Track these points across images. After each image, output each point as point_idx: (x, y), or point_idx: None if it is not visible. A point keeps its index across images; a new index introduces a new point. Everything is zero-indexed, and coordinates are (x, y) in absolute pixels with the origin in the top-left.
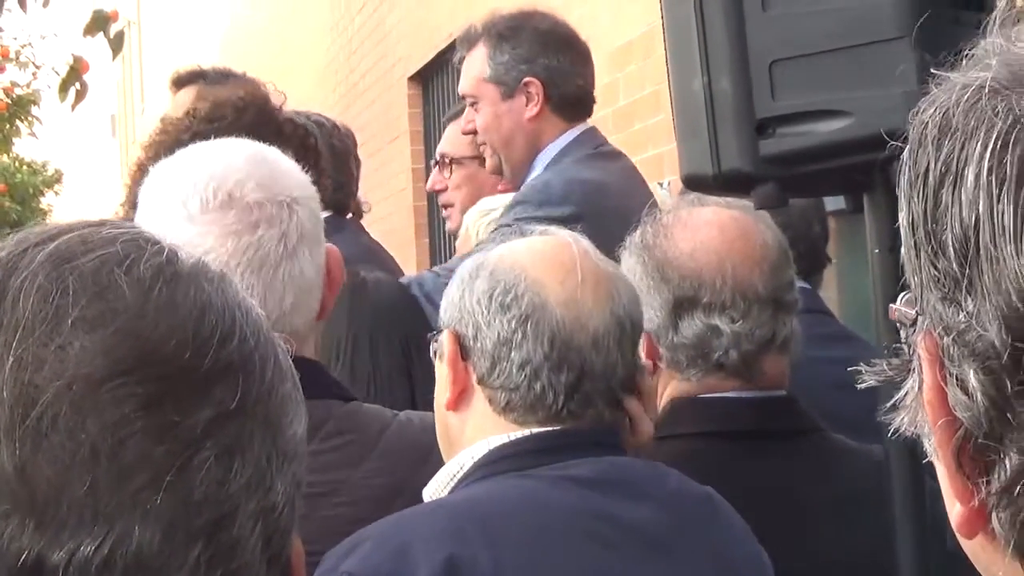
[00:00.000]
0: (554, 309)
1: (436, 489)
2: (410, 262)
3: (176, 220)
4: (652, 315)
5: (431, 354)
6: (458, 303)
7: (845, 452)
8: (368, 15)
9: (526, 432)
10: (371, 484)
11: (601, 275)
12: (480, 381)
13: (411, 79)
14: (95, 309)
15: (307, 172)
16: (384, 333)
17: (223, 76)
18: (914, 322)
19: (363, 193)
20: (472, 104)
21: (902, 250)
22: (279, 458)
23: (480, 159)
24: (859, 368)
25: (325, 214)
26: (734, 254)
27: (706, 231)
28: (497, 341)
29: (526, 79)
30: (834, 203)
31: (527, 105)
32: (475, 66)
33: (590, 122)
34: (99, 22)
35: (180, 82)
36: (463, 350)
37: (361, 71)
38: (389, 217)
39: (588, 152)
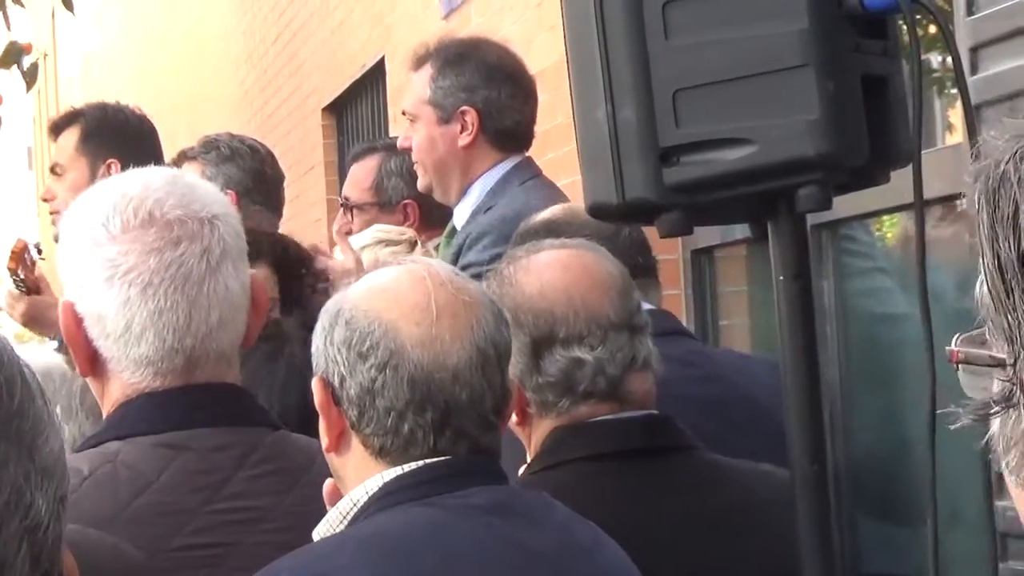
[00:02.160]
0: (411, 352)
1: (329, 528)
2: None
3: (98, 241)
4: (512, 361)
5: None
6: (323, 351)
7: (726, 467)
8: (282, 46)
9: (414, 465)
10: (300, 512)
11: (458, 306)
12: (353, 427)
13: (325, 110)
14: None
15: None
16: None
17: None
18: (1002, 363)
19: (280, 224)
20: (411, 122)
21: (978, 291)
22: (38, 475)
23: (379, 205)
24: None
25: None
26: (581, 287)
27: (550, 271)
28: (361, 390)
29: (463, 108)
30: (740, 231)
31: (461, 133)
32: (418, 86)
33: None
34: (13, 54)
35: (56, 128)
36: (334, 396)
37: (276, 102)
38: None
39: (527, 181)
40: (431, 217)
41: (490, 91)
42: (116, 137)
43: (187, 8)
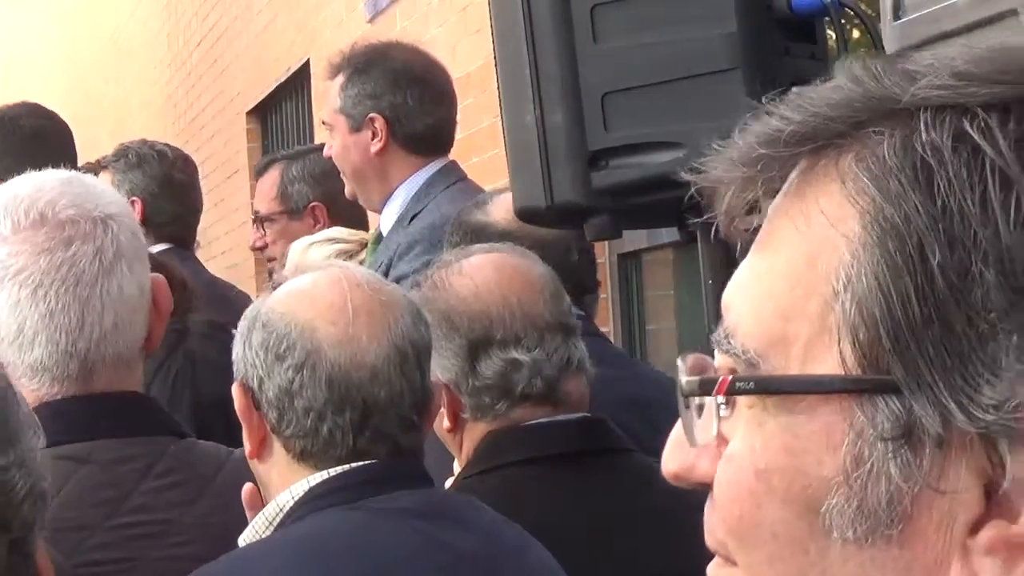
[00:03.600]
0: (328, 352)
1: (255, 534)
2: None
3: None
4: (447, 365)
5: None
6: (242, 356)
7: (656, 471)
8: (206, 49)
9: (340, 469)
10: (209, 523)
11: (375, 306)
12: (274, 430)
13: (249, 113)
14: None
15: None
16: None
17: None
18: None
19: (204, 228)
20: (329, 131)
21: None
22: (17, 468)
23: (287, 213)
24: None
25: (163, 246)
26: (515, 288)
27: (483, 273)
28: (279, 392)
29: (371, 115)
30: (668, 234)
31: (372, 140)
32: (331, 95)
33: None
34: None
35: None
36: (254, 401)
37: (200, 105)
38: (230, 253)
39: (451, 185)
40: (342, 217)
41: (396, 96)
42: (4, 143)
43: (110, 12)
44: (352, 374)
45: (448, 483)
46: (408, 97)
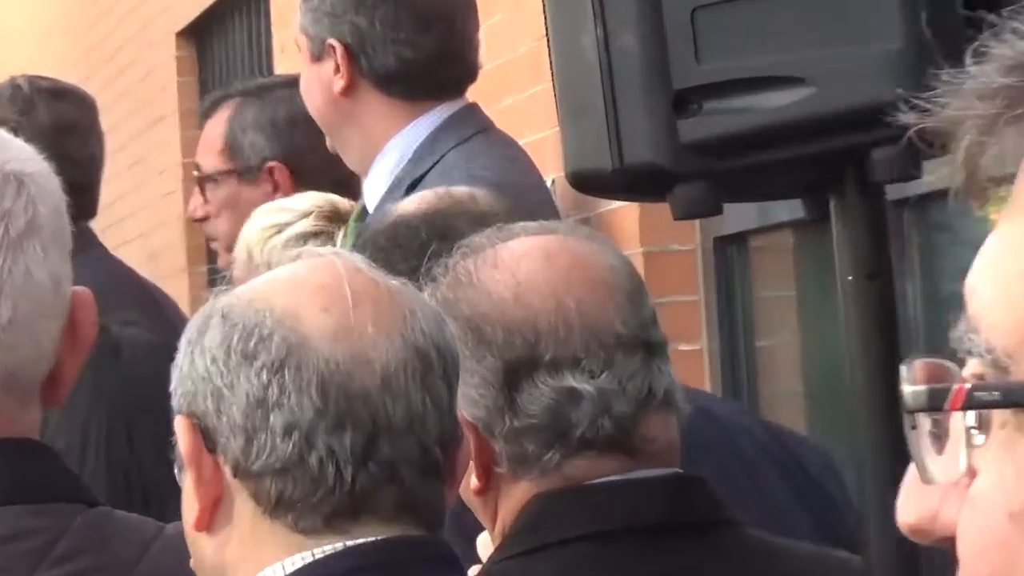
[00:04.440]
0: (319, 345)
1: None
2: (181, 297)
3: None
4: (474, 397)
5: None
6: (188, 373)
7: (781, 552)
8: None
9: (330, 548)
10: None
11: (383, 293)
12: (237, 472)
13: (181, 35)
14: None
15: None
16: (146, 414)
17: None
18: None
19: (111, 201)
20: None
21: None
22: None
23: (237, 173)
24: None
25: None
26: (574, 286)
27: (528, 264)
28: (247, 404)
29: (329, 40)
30: (788, 210)
31: (335, 75)
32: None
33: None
34: None
35: None
36: (206, 439)
37: (108, 25)
38: (151, 235)
39: (468, 139)
40: (311, 183)
41: (358, 17)
42: None
43: None
44: (355, 376)
45: (473, 572)
46: (375, 19)
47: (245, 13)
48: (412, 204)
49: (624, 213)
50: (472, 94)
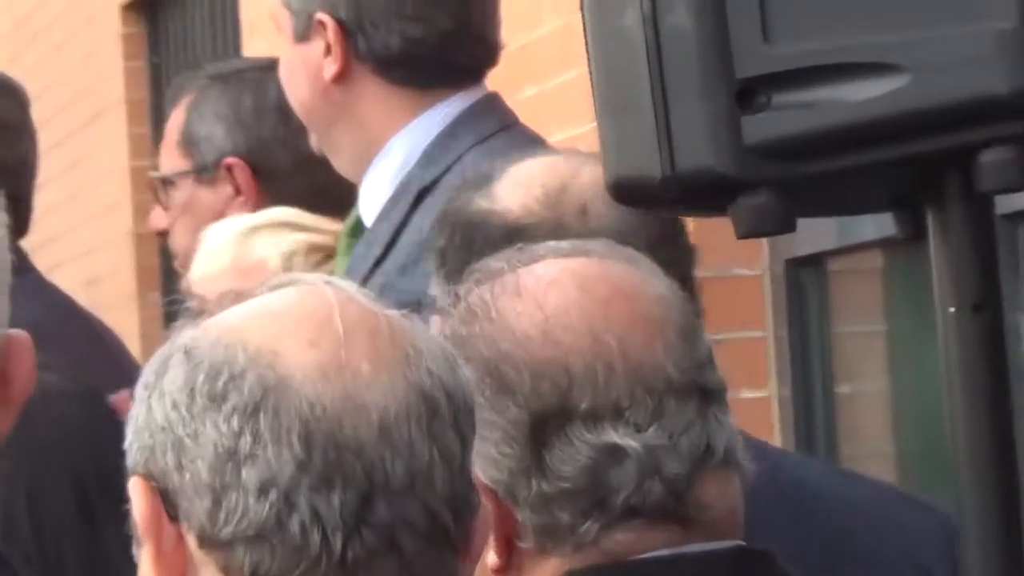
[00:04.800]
0: (302, 386)
1: None
2: (130, 331)
3: None
4: (493, 455)
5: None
6: (144, 424)
7: None
8: None
9: None
10: None
11: (381, 325)
12: (203, 542)
13: (128, 9)
14: None
15: None
16: (55, 482)
17: None
18: None
19: (43, 213)
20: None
21: None
22: None
23: (194, 173)
24: None
25: None
26: (615, 321)
27: (559, 293)
28: (214, 457)
29: (318, 16)
30: (875, 226)
31: (325, 57)
32: None
33: None
34: None
35: None
36: (166, 503)
37: None
38: (91, 255)
39: (489, 137)
40: (280, 186)
41: None
42: None
43: None
44: (345, 422)
45: None
46: None
47: None
48: (514, 201)
49: None
50: (490, 82)
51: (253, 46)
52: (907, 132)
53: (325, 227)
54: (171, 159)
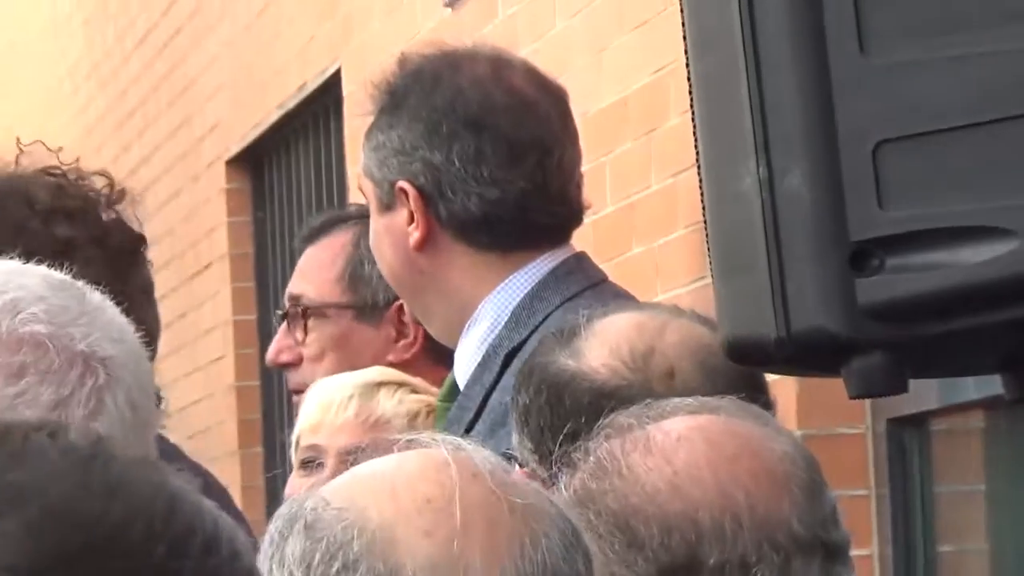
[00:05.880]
0: None
1: None
2: (232, 484)
3: None
4: None
5: None
6: None
7: None
8: (156, 50)
9: None
10: None
11: (500, 511)
12: None
13: (232, 163)
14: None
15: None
16: None
17: None
18: None
19: None
20: None
21: None
22: None
23: (354, 308)
24: None
25: None
26: (743, 477)
27: (688, 449)
28: None
29: (399, 183)
30: (978, 386)
31: (408, 225)
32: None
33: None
34: None
35: None
36: None
37: (143, 148)
38: (194, 408)
39: (574, 296)
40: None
41: (432, 152)
42: None
43: None
44: None
45: None
46: (453, 153)
47: (312, 136)
48: (601, 362)
49: (778, 387)
50: (595, 241)
51: (360, 200)
52: (1018, 295)
53: (431, 389)
54: (325, 291)
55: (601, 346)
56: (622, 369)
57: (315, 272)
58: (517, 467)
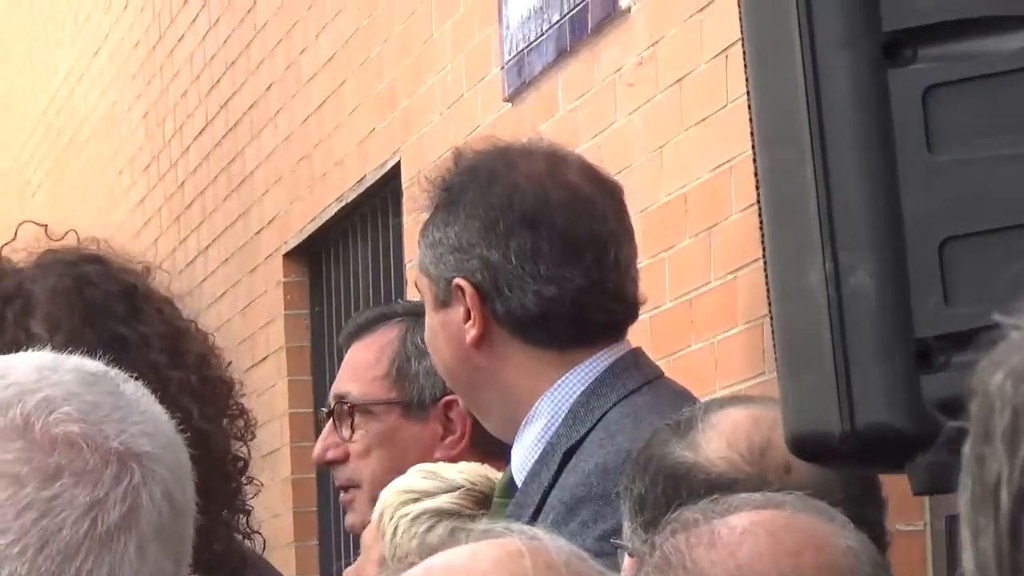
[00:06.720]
0: None
1: None
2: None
3: None
4: None
5: None
6: None
7: None
8: (213, 141)
9: None
10: None
11: None
12: None
13: (289, 256)
14: None
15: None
16: None
17: None
18: None
19: None
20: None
21: None
22: None
23: (401, 404)
24: None
25: None
26: (806, 570)
27: (752, 544)
28: None
29: (455, 280)
30: None
31: (466, 322)
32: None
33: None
34: None
35: None
36: None
37: (200, 241)
38: (252, 501)
39: (631, 394)
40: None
41: (489, 250)
42: None
43: (50, 70)
44: None
45: None
46: (510, 251)
47: (370, 229)
48: (719, 455)
49: None
50: (652, 338)
51: (416, 296)
52: None
53: (487, 473)
54: (370, 388)
55: (719, 438)
56: (739, 462)
57: (361, 370)
58: (627, 557)
